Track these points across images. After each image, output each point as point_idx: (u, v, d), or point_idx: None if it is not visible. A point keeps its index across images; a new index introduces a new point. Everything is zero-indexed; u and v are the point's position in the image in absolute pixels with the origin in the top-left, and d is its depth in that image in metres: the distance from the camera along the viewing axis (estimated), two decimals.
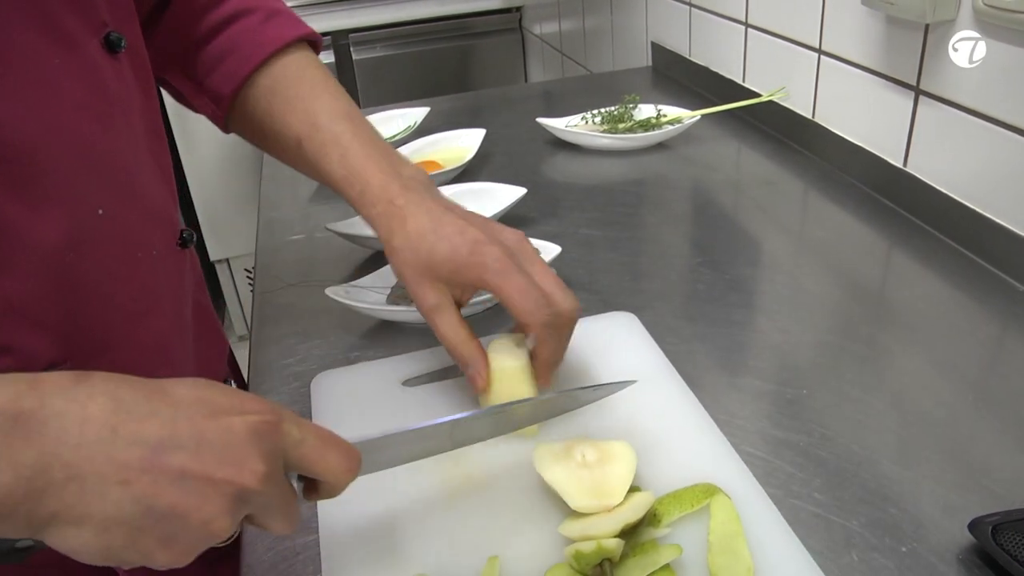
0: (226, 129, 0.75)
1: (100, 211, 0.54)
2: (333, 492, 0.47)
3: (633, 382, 0.64)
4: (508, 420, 0.58)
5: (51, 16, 0.52)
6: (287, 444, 0.43)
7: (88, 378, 0.39)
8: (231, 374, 0.81)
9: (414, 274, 0.62)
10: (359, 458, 0.47)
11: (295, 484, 0.46)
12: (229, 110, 0.73)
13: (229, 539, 0.42)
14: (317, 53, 0.75)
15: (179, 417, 0.39)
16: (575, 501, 0.53)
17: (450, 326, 0.61)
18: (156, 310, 0.62)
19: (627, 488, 0.54)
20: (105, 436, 0.37)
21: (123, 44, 0.57)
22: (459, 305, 0.63)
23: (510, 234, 0.63)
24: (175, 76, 0.74)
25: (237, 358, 0.90)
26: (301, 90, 0.70)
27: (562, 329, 0.61)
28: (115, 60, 0.57)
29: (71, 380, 0.38)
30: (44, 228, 0.51)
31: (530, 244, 0.63)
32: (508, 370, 0.62)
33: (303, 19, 0.75)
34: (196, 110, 0.75)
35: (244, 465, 0.40)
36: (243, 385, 0.85)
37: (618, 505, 0.53)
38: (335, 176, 0.67)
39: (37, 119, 0.50)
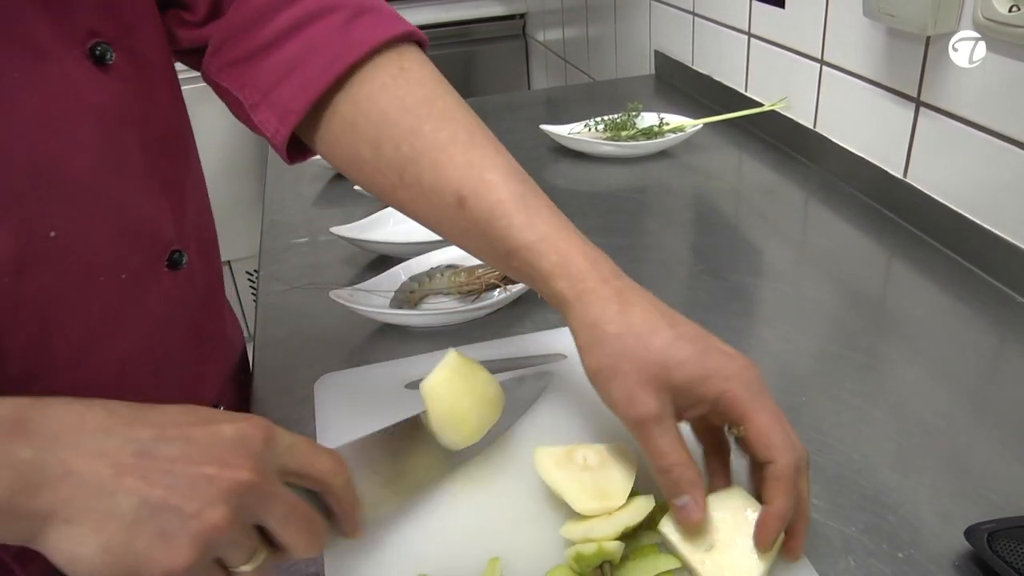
0: (291, 159, 0.63)
1: (53, 233, 0.50)
2: (340, 505, 0.48)
3: (563, 356, 0.65)
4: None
5: (16, 27, 0.48)
6: (278, 449, 0.44)
7: (85, 399, 0.41)
8: (221, 401, 0.74)
9: (636, 372, 0.50)
10: (342, 459, 0.48)
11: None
12: (307, 128, 0.60)
13: (259, 564, 0.43)
14: (422, 48, 0.62)
15: (168, 423, 0.41)
16: (578, 504, 0.53)
17: (671, 443, 0.50)
18: (116, 334, 0.57)
19: (629, 490, 0.54)
20: (99, 436, 0.39)
21: (111, 56, 0.53)
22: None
23: (742, 358, 0.52)
24: (236, 83, 0.61)
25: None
26: (455, 129, 0.57)
27: (803, 475, 0.50)
28: (103, 72, 0.53)
29: (70, 399, 0.40)
30: None
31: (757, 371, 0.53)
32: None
33: None
34: (255, 127, 0.61)
35: (232, 462, 0.41)
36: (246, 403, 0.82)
37: (619, 508, 0.53)
38: (520, 241, 0.54)
39: None
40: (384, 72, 0.58)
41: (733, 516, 0.51)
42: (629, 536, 0.52)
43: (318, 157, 0.64)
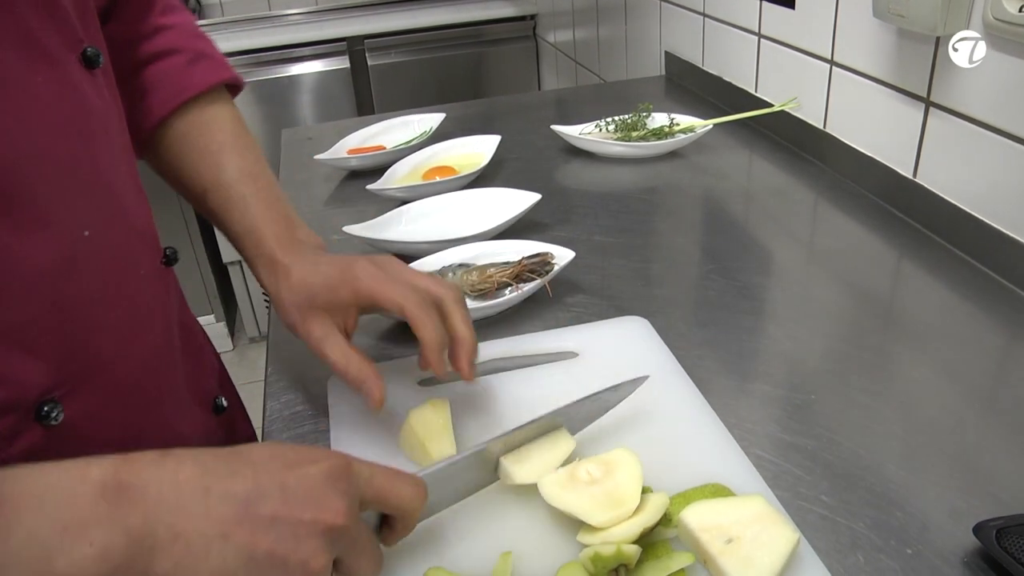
0: (140, 156, 0.76)
1: (86, 232, 0.53)
2: (406, 525, 0.50)
3: (646, 377, 0.65)
4: (540, 429, 0.60)
5: (30, 33, 0.50)
6: (360, 482, 0.46)
7: (172, 452, 0.42)
8: (221, 392, 0.79)
9: (299, 314, 0.65)
10: (424, 485, 0.50)
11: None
12: (146, 143, 0.74)
13: None
14: (236, 95, 0.79)
15: (260, 472, 0.43)
16: (595, 518, 0.53)
17: (338, 352, 0.63)
18: (145, 330, 0.61)
19: (640, 491, 0.54)
20: (199, 497, 0.40)
21: (100, 60, 0.57)
22: (347, 334, 0.66)
23: (381, 256, 0.66)
24: None
25: (249, 360, 0.90)
26: (211, 143, 0.72)
27: (442, 306, 0.63)
28: (93, 76, 0.56)
29: (158, 455, 0.42)
30: (34, 252, 0.49)
31: (399, 261, 0.67)
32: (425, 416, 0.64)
33: (318, 25, 0.76)
34: None
35: (327, 505, 0.43)
36: (236, 400, 0.84)
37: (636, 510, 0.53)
38: (235, 231, 0.70)
39: (23, 139, 0.49)
40: (202, 108, 0.74)
41: (751, 515, 0.53)
42: (645, 535, 0.52)
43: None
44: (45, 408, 0.51)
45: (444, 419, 0.64)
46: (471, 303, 0.83)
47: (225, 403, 0.76)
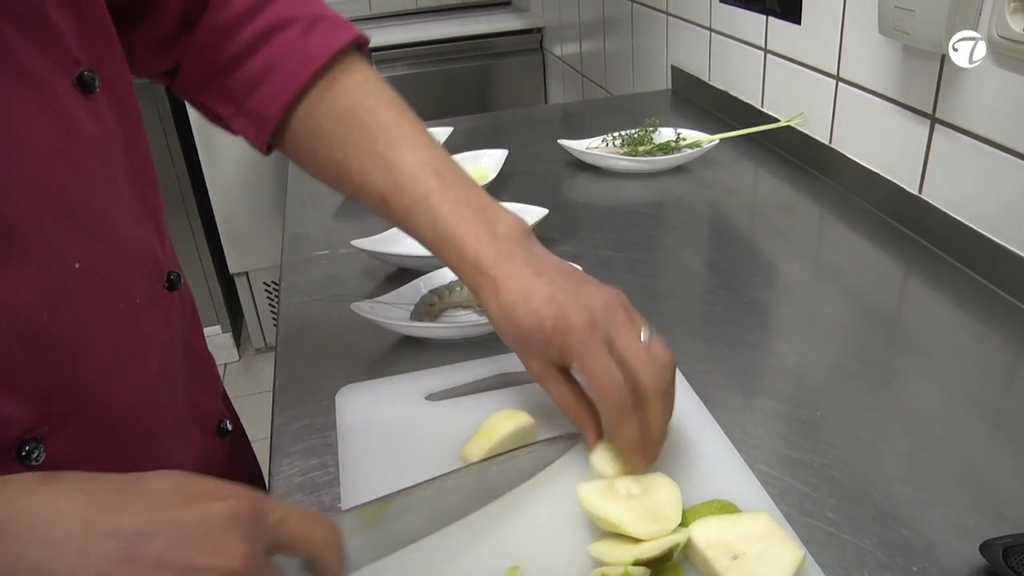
0: (268, 150, 0.70)
1: (77, 264, 0.51)
2: (329, 571, 0.46)
3: (579, 436, 0.64)
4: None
5: (14, 57, 0.47)
6: (269, 524, 0.42)
7: (57, 477, 0.38)
8: (226, 414, 0.77)
9: (514, 344, 0.61)
10: (337, 527, 0.47)
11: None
12: (278, 132, 0.68)
13: None
14: (364, 51, 0.70)
15: (154, 505, 0.38)
16: (636, 529, 0.52)
17: (556, 392, 0.61)
18: (139, 360, 0.58)
19: (681, 510, 0.54)
20: (76, 531, 0.36)
21: (97, 83, 0.53)
22: (565, 367, 0.61)
23: (599, 297, 0.59)
24: (211, 98, 0.69)
25: (255, 371, 0.89)
26: (375, 140, 0.64)
27: (647, 406, 0.57)
28: (90, 100, 0.53)
29: (38, 480, 0.38)
30: (16, 287, 0.47)
31: (620, 306, 0.60)
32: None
33: None
34: (234, 132, 0.70)
35: (224, 549, 0.39)
36: (238, 425, 0.83)
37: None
38: (427, 240, 0.63)
39: (2, 170, 0.46)
40: (331, 82, 0.66)
41: (757, 532, 0.53)
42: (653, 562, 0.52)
43: None
44: (26, 448, 0.48)
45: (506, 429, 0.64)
46: (477, 317, 0.84)
47: (230, 427, 0.75)
